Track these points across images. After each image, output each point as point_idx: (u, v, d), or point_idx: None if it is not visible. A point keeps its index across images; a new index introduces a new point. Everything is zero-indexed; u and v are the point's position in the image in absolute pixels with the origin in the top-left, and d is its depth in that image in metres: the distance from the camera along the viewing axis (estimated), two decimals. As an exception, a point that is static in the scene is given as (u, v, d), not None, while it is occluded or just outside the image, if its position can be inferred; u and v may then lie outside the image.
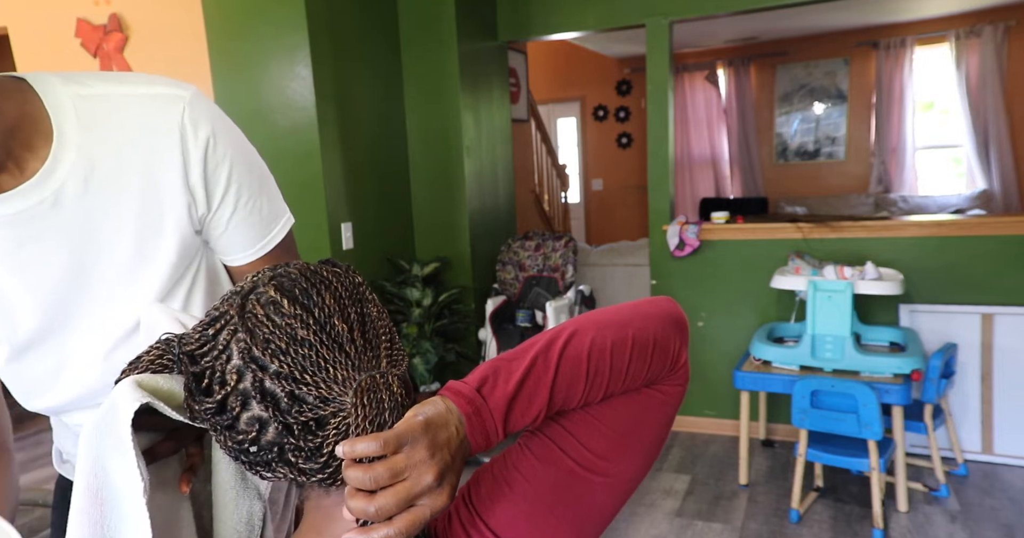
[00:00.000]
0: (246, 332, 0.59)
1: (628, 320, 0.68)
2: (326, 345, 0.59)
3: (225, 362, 0.59)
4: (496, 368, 0.61)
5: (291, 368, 0.58)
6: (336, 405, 0.58)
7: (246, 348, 0.59)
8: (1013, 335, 2.91)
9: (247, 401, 0.58)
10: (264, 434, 0.58)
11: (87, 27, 2.86)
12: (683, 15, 3.32)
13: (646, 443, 0.70)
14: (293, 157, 2.74)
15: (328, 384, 0.58)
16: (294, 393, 0.58)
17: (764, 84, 6.56)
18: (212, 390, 0.60)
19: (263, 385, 0.58)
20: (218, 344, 0.60)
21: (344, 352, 0.60)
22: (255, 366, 0.58)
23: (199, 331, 0.62)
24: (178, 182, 0.83)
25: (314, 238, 2.77)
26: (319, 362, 0.58)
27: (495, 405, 0.59)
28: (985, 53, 5.55)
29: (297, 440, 0.58)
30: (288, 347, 0.58)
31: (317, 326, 0.59)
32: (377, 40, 3.17)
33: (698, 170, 6.95)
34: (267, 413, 0.58)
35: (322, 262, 0.66)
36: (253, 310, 0.60)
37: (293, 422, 0.58)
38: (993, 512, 2.59)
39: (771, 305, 3.28)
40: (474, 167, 3.44)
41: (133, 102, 0.81)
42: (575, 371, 0.63)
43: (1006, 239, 2.93)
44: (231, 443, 0.60)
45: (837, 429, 2.46)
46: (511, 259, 3.52)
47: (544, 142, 5.35)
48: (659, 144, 3.41)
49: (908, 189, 6.08)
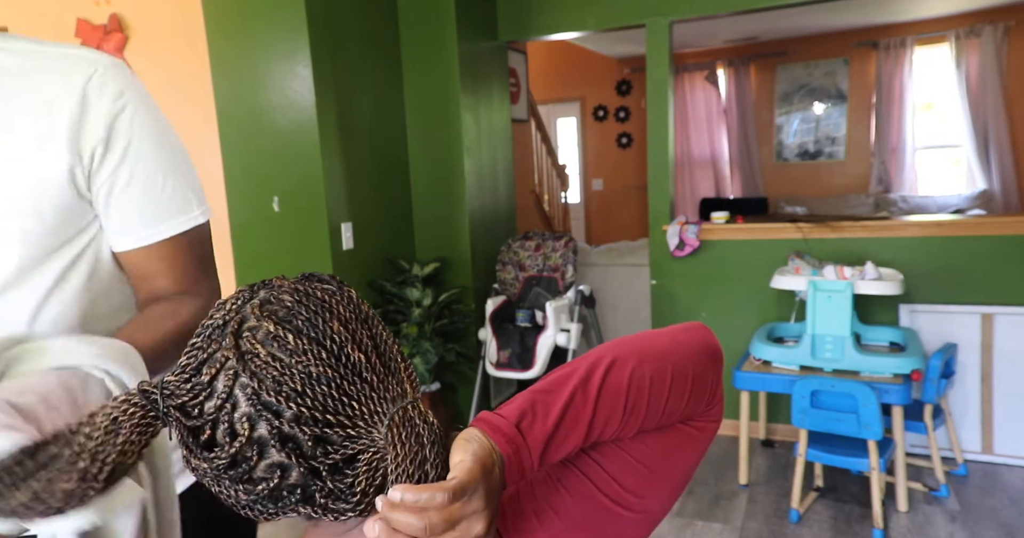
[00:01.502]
0: (250, 376, 0.52)
1: (667, 351, 0.65)
2: (346, 379, 0.54)
3: (231, 411, 0.53)
4: (534, 402, 0.59)
5: (311, 410, 0.52)
6: (365, 441, 0.54)
7: (254, 394, 0.52)
8: (1013, 335, 2.91)
9: (264, 449, 0.53)
10: (287, 479, 0.53)
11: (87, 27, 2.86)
12: (683, 15, 3.32)
13: (676, 479, 0.69)
14: (293, 157, 2.74)
15: (354, 421, 0.53)
16: (318, 436, 0.52)
17: (764, 84, 6.56)
18: (220, 443, 0.53)
19: (281, 431, 0.52)
20: (217, 392, 0.53)
21: (366, 383, 0.54)
22: (268, 413, 0.52)
23: (185, 379, 0.55)
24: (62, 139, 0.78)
25: (314, 238, 2.77)
26: (341, 399, 0.53)
27: (534, 443, 0.56)
28: (985, 53, 5.55)
29: (325, 482, 0.53)
30: (304, 388, 0.52)
31: (332, 359, 0.53)
32: (377, 40, 3.17)
33: (698, 170, 6.95)
34: (289, 459, 0.52)
35: (305, 278, 0.60)
36: (253, 350, 0.53)
37: (320, 466, 0.53)
38: (993, 512, 2.59)
39: (771, 305, 3.28)
40: (474, 167, 3.44)
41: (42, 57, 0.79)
42: (613, 405, 0.60)
43: (1006, 239, 2.93)
44: (243, 495, 0.54)
45: (837, 429, 2.46)
46: (511, 259, 3.52)
47: (544, 142, 5.35)
48: (659, 144, 3.41)
49: (908, 189, 6.08)
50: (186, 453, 0.55)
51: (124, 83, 0.82)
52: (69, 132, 0.78)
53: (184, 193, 0.90)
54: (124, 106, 0.81)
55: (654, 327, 3.56)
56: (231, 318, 0.55)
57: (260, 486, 0.53)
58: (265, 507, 0.55)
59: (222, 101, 2.78)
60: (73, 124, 0.78)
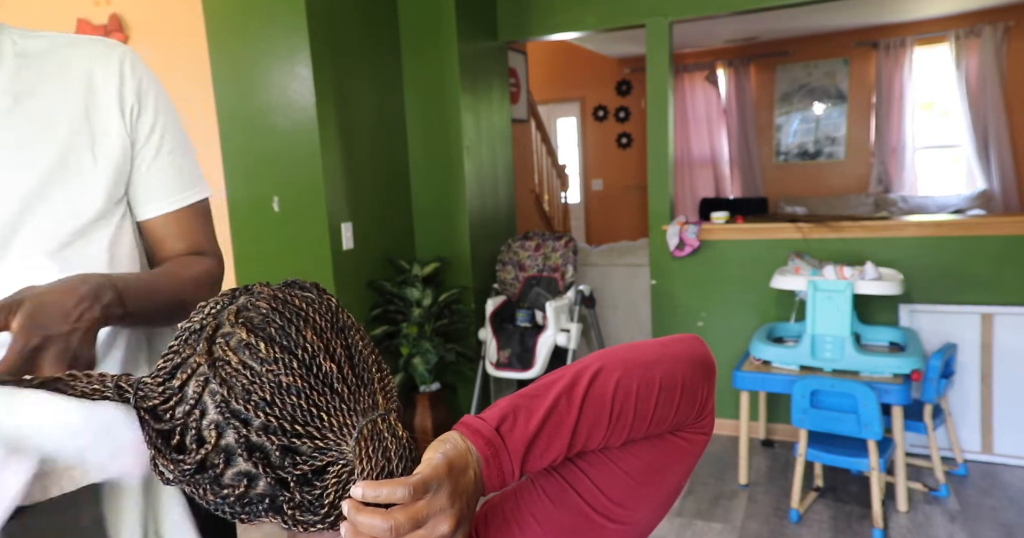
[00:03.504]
0: (220, 383, 0.52)
1: (656, 360, 0.64)
2: (316, 389, 0.53)
3: (200, 418, 0.53)
4: (516, 406, 0.58)
5: (279, 420, 0.52)
6: (334, 453, 0.53)
7: (223, 401, 0.52)
8: (1013, 335, 2.91)
9: (231, 457, 0.52)
10: (253, 488, 0.53)
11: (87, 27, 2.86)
12: (683, 15, 3.32)
13: (665, 491, 0.67)
14: (293, 157, 2.74)
15: (323, 433, 0.52)
16: (286, 446, 0.52)
17: (764, 84, 6.56)
18: (187, 448, 0.53)
19: (249, 440, 0.52)
20: (187, 398, 0.53)
21: (337, 394, 0.54)
22: (236, 421, 0.52)
23: (159, 382, 0.55)
24: (114, 106, 0.87)
25: (314, 238, 2.77)
26: (311, 410, 0.52)
27: (514, 446, 0.56)
28: (985, 53, 5.55)
29: (292, 493, 0.53)
30: (273, 397, 0.52)
31: (303, 369, 0.53)
32: (377, 40, 3.17)
33: (698, 170, 6.95)
34: (256, 469, 0.52)
35: (287, 285, 0.59)
36: (225, 357, 0.53)
37: (287, 476, 0.52)
38: (993, 512, 2.59)
39: (771, 305, 3.28)
40: (474, 167, 3.44)
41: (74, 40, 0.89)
42: (598, 413, 0.59)
43: (1006, 239, 2.93)
44: (211, 496, 0.54)
45: (837, 429, 2.46)
46: (511, 259, 3.52)
47: (544, 142, 5.35)
48: (659, 144, 3.41)
49: (908, 189, 6.08)
50: (154, 455, 0.54)
51: (144, 66, 0.93)
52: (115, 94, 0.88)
53: (198, 171, 0.99)
54: (150, 85, 0.92)
55: (654, 327, 3.56)
56: (207, 323, 0.55)
57: (227, 492, 0.53)
58: (235, 511, 0.55)
59: (222, 101, 2.78)
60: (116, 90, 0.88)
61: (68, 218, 0.83)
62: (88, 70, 0.87)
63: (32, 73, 0.84)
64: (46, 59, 0.85)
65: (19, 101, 0.82)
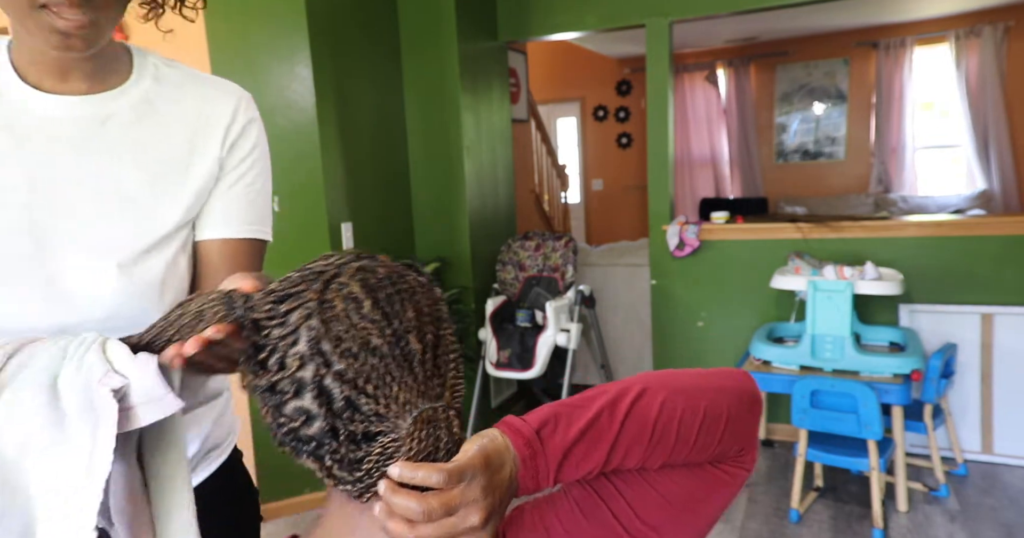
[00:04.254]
0: (320, 321, 0.56)
1: (703, 389, 0.64)
2: (397, 361, 0.56)
3: (290, 344, 0.56)
4: (558, 413, 0.58)
5: (356, 374, 0.55)
6: (389, 424, 0.55)
7: (315, 338, 0.55)
8: (1013, 335, 2.91)
9: (301, 391, 0.56)
10: (308, 428, 0.56)
11: (87, 27, 2.86)
12: (683, 15, 3.32)
13: (700, 521, 0.67)
14: (293, 157, 2.74)
15: (387, 401, 0.55)
16: (351, 399, 0.55)
17: (764, 84, 6.56)
18: (269, 368, 0.57)
19: (322, 381, 0.55)
20: (288, 323, 0.57)
21: (412, 373, 0.56)
22: (320, 359, 0.55)
23: (269, 301, 0.59)
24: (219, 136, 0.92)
25: (314, 238, 2.77)
26: (385, 376, 0.55)
27: (552, 451, 0.56)
28: (985, 53, 5.55)
29: (339, 446, 0.56)
30: (359, 351, 0.55)
31: (393, 338, 0.56)
32: (377, 40, 3.17)
33: (698, 170, 6.95)
34: (318, 409, 0.55)
35: (407, 265, 0.63)
36: (332, 301, 0.57)
37: (341, 428, 0.55)
38: (993, 512, 2.59)
39: (771, 305, 3.28)
40: (474, 167, 3.44)
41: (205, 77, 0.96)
42: (639, 432, 0.59)
43: (1006, 239, 2.93)
44: (270, 418, 0.59)
45: (837, 429, 2.46)
46: (511, 259, 3.52)
47: (544, 142, 5.35)
48: (659, 144, 3.41)
49: (908, 189, 6.08)
50: (242, 361, 0.60)
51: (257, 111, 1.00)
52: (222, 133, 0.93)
53: (268, 214, 1.02)
54: (255, 123, 0.98)
55: (654, 327, 3.56)
56: (329, 269, 0.59)
57: (283, 420, 0.57)
58: (284, 440, 0.59)
59: (222, 101, 2.78)
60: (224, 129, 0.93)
61: (149, 232, 0.87)
62: (206, 102, 0.93)
63: (162, 96, 0.90)
64: (176, 86, 0.92)
65: (143, 116, 0.88)
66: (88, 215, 0.83)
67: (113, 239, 0.84)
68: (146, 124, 0.88)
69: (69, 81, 0.84)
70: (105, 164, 0.85)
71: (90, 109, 0.85)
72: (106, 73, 0.87)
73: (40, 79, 0.83)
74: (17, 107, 0.82)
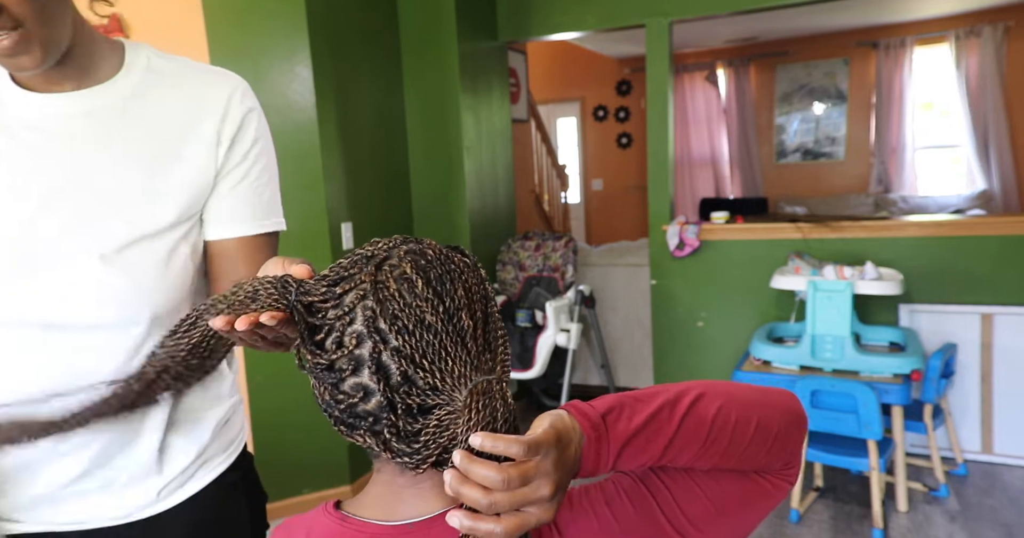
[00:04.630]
0: (376, 301, 0.58)
1: (755, 403, 0.67)
2: (450, 336, 0.59)
3: (347, 324, 0.59)
4: (622, 403, 0.61)
5: (412, 350, 0.58)
6: (445, 397, 0.58)
7: (372, 317, 0.58)
8: (1013, 335, 2.91)
9: (359, 368, 0.59)
10: (366, 403, 0.59)
11: (87, 27, 2.86)
12: (683, 15, 3.32)
13: (738, 528, 0.69)
14: (293, 157, 2.74)
15: (443, 375, 0.58)
16: (407, 374, 0.58)
17: (764, 84, 6.56)
18: (327, 348, 0.60)
19: (380, 357, 0.58)
20: (343, 305, 0.60)
21: (465, 348, 0.59)
22: (377, 337, 0.58)
23: (324, 285, 0.61)
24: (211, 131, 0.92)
25: (314, 238, 2.77)
26: (440, 351, 0.58)
27: (615, 437, 0.58)
28: (985, 53, 5.55)
29: (396, 419, 0.58)
30: (415, 328, 0.58)
31: (446, 315, 0.59)
32: (377, 40, 3.17)
33: (698, 170, 6.95)
34: (376, 384, 0.58)
35: (452, 247, 0.66)
36: (386, 282, 0.59)
37: (399, 402, 0.58)
38: (993, 512, 2.59)
39: (771, 305, 3.28)
40: (474, 167, 3.44)
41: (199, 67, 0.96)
42: (695, 432, 0.62)
43: (1006, 239, 2.93)
44: (328, 397, 0.61)
45: (837, 429, 2.46)
46: (511, 259, 3.52)
47: (544, 142, 5.35)
48: (659, 144, 3.41)
49: (908, 189, 6.08)
50: (299, 343, 0.62)
51: (255, 99, 1.00)
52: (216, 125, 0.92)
53: (278, 202, 1.02)
54: (254, 112, 0.98)
55: (654, 327, 3.56)
56: (379, 253, 0.63)
57: (342, 397, 0.60)
58: (340, 418, 0.61)
59: (222, 101, 2.78)
60: (218, 121, 0.92)
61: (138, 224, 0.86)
62: (200, 94, 0.93)
63: (154, 88, 0.90)
64: (171, 77, 0.92)
65: (133, 107, 0.88)
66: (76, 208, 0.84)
67: (99, 231, 0.84)
68: (137, 116, 0.89)
69: (56, 82, 0.86)
70: (96, 157, 0.86)
71: (78, 104, 0.86)
72: (94, 70, 0.88)
73: (31, 81, 0.85)
74: (11, 109, 0.85)
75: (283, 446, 2.71)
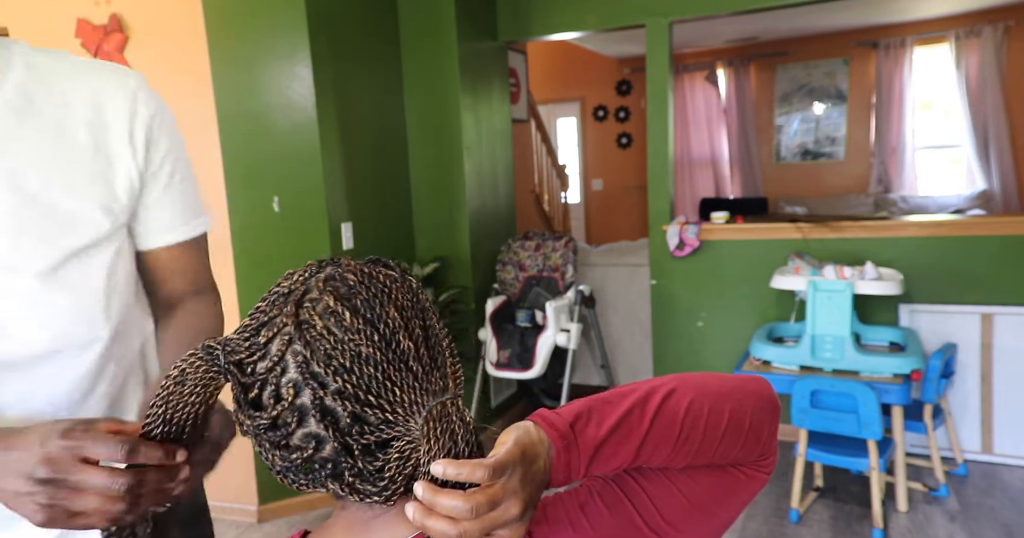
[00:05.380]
0: (304, 345, 0.55)
1: (728, 393, 0.66)
2: (392, 364, 0.55)
3: (280, 374, 0.55)
4: (590, 407, 0.59)
5: (355, 388, 0.54)
6: (400, 429, 0.55)
7: (304, 362, 0.54)
8: (1013, 335, 2.91)
9: (304, 418, 0.55)
10: (320, 451, 0.55)
11: (87, 27, 2.86)
12: (683, 15, 3.32)
13: (718, 522, 0.68)
14: (293, 157, 2.74)
15: (393, 407, 0.55)
16: (356, 414, 0.54)
17: (764, 84, 6.56)
18: (264, 404, 0.56)
19: (323, 403, 0.54)
20: (271, 354, 0.56)
21: (411, 372, 0.56)
22: (315, 383, 0.54)
23: (246, 337, 0.58)
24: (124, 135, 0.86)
25: (314, 238, 2.77)
26: (385, 383, 0.54)
27: (584, 445, 0.57)
28: (985, 53, 5.55)
29: (355, 461, 0.55)
30: (352, 365, 0.54)
31: (383, 343, 0.55)
32: (377, 40, 3.17)
33: (698, 170, 6.95)
34: (326, 432, 0.54)
35: (371, 261, 0.62)
36: (310, 320, 0.55)
37: (353, 444, 0.55)
38: (993, 512, 2.59)
39: (771, 305, 3.28)
40: (474, 167, 3.44)
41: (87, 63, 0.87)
42: (667, 431, 0.60)
43: (1006, 239, 2.93)
44: (279, 460, 0.57)
45: (837, 429, 2.46)
46: (511, 259, 3.52)
47: (544, 142, 5.35)
48: (659, 144, 3.41)
49: (908, 189, 6.08)
50: (236, 409, 0.58)
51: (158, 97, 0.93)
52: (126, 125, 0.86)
53: (199, 197, 0.99)
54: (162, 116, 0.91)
55: (654, 327, 3.56)
56: (296, 288, 0.58)
57: (295, 455, 0.56)
58: (297, 477, 0.57)
59: (222, 101, 2.77)
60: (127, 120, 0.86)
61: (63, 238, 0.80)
62: (99, 95, 0.85)
63: (42, 88, 0.82)
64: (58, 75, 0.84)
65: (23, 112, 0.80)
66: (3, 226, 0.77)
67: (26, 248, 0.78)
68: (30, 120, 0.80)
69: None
70: None
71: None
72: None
73: None
74: None
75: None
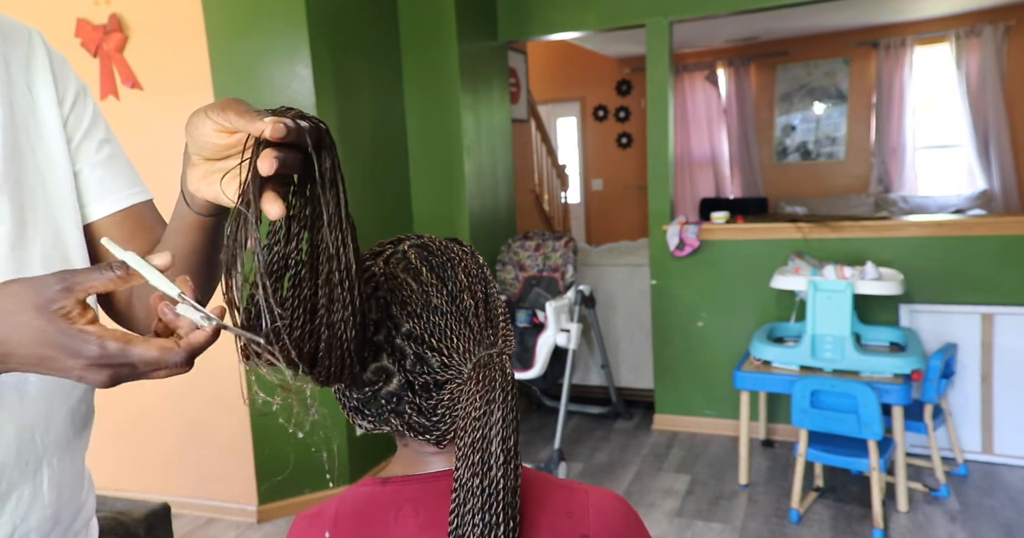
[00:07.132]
0: (387, 291, 0.65)
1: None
2: (454, 316, 0.65)
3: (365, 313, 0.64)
4: None
5: (422, 331, 0.63)
6: (454, 372, 0.63)
7: (384, 305, 0.64)
8: (1013, 335, 2.91)
9: (378, 353, 0.64)
10: (388, 385, 0.65)
11: (87, 27, 2.86)
12: (683, 15, 3.32)
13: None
14: (293, 157, 2.74)
15: (451, 352, 0.63)
16: (420, 354, 0.64)
17: (764, 84, 6.56)
18: None
19: (394, 341, 0.64)
20: None
21: (468, 326, 0.65)
22: (390, 323, 0.64)
23: None
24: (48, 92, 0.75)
25: (314, 238, 2.77)
26: (446, 331, 0.64)
27: None
28: (985, 53, 5.55)
29: (415, 396, 0.64)
30: (422, 312, 0.64)
31: (449, 298, 0.65)
32: (377, 40, 3.16)
33: (698, 170, 6.95)
34: (393, 366, 0.64)
35: (451, 239, 0.72)
36: (394, 272, 0.66)
37: (415, 380, 0.64)
38: (993, 512, 2.59)
39: (771, 305, 3.28)
40: (474, 167, 3.44)
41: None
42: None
43: (1006, 239, 2.93)
44: (355, 393, 0.66)
45: (837, 429, 2.46)
46: (511, 259, 3.52)
47: (544, 142, 5.35)
48: (659, 144, 3.41)
49: (908, 189, 6.08)
50: None
51: None
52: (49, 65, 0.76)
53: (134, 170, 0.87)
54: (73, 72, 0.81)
55: (654, 327, 3.56)
56: (387, 248, 0.70)
57: (368, 388, 0.65)
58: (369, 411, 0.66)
59: (222, 101, 2.78)
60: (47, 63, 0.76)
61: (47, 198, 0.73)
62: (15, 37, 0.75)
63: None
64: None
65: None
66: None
67: None
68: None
69: None
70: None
71: None
72: None
73: None
74: None
75: (283, 446, 2.71)
